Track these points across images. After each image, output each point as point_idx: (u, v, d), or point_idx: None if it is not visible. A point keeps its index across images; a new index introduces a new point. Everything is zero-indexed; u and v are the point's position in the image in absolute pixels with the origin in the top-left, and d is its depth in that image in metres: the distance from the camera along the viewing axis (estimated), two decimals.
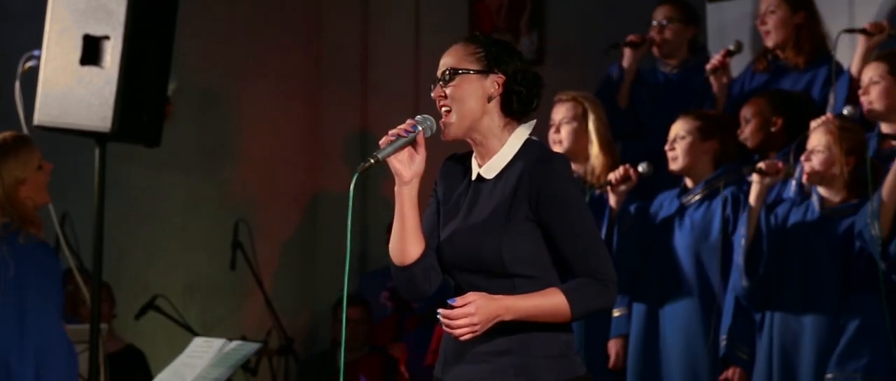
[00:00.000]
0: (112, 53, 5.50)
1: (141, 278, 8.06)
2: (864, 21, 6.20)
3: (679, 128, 5.86)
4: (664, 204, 5.99)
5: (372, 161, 3.49)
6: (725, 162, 5.88)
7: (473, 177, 3.64)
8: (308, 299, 8.79)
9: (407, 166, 3.57)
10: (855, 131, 5.55)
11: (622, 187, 5.91)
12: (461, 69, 3.58)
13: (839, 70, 6.06)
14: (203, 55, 8.29)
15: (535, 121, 3.66)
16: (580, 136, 6.16)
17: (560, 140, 6.17)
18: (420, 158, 3.57)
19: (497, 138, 3.60)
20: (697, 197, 5.88)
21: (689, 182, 5.93)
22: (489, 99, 3.58)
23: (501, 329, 3.51)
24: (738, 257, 5.57)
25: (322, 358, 8.11)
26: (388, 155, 3.53)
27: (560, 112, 6.20)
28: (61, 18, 5.57)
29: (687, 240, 5.85)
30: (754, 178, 5.57)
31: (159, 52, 5.73)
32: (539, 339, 3.53)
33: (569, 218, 3.51)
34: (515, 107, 3.60)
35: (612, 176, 5.91)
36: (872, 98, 5.58)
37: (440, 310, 3.47)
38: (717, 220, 5.78)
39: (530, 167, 3.53)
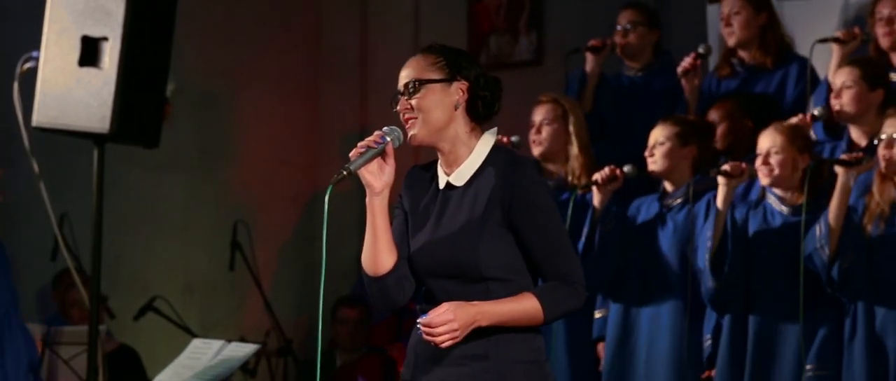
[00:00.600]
0: (111, 54, 5.49)
1: (140, 278, 8.05)
2: (827, 30, 6.30)
3: (658, 133, 5.92)
4: (642, 208, 6.05)
5: (344, 173, 3.58)
6: (704, 166, 5.92)
7: (441, 185, 3.68)
8: (307, 300, 8.78)
9: (377, 177, 3.63)
10: (803, 129, 5.67)
11: (609, 187, 5.93)
12: (425, 80, 3.63)
13: (816, 80, 6.15)
14: (202, 56, 8.28)
15: (496, 127, 3.72)
16: (560, 137, 6.22)
17: (541, 141, 6.23)
18: (389, 168, 3.63)
19: (464, 145, 3.66)
20: (679, 201, 5.91)
21: (668, 186, 5.98)
22: (455, 106, 3.64)
23: (477, 333, 3.56)
24: (703, 259, 5.65)
25: (321, 358, 8.10)
26: (359, 167, 3.60)
27: (541, 113, 6.25)
28: (60, 19, 5.56)
29: (670, 242, 5.91)
30: (720, 180, 5.63)
31: (158, 52, 5.72)
32: (514, 344, 3.59)
33: (539, 222, 3.58)
34: (481, 111, 3.66)
35: (598, 175, 5.95)
36: (844, 102, 5.70)
37: (419, 320, 3.53)
38: (699, 223, 5.81)
39: (502, 173, 3.59)
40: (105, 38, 5.51)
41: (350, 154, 3.61)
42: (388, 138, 3.62)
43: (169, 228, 8.31)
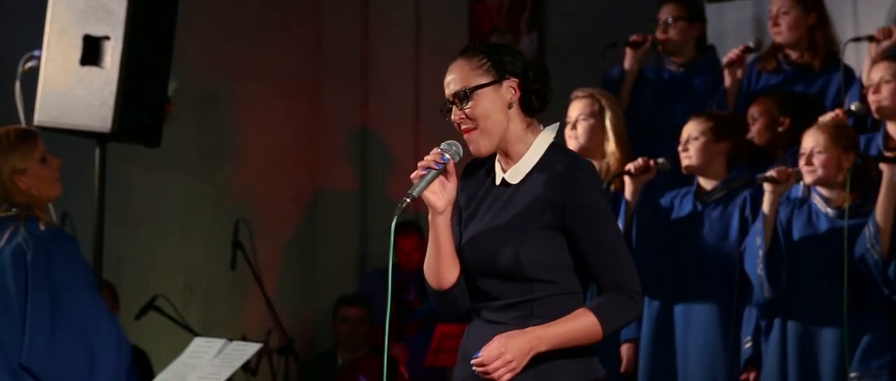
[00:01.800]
0: (112, 54, 5.51)
1: (141, 278, 8.05)
2: (868, 28, 6.22)
3: (692, 128, 5.85)
4: (676, 203, 5.97)
5: (407, 200, 3.47)
6: (739, 162, 5.87)
7: (497, 181, 3.61)
8: (309, 298, 8.78)
9: (440, 196, 3.54)
10: (848, 128, 5.60)
11: (641, 178, 5.87)
12: (475, 86, 3.54)
13: (850, 77, 6.08)
14: (203, 55, 8.29)
15: (558, 124, 3.64)
16: (597, 132, 6.12)
17: (576, 136, 6.12)
18: (452, 186, 3.55)
19: (521, 142, 3.57)
20: (715, 197, 5.87)
21: (702, 182, 5.92)
22: (509, 106, 3.55)
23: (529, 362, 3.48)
24: (757, 268, 5.54)
25: (323, 358, 8.11)
26: (422, 191, 3.51)
27: (577, 108, 6.15)
28: (61, 18, 5.57)
29: (706, 240, 5.83)
30: (766, 187, 5.56)
31: (159, 52, 5.73)
32: (567, 370, 3.51)
33: (596, 229, 3.49)
34: (535, 105, 3.58)
35: (631, 165, 5.86)
36: (883, 97, 5.62)
37: (473, 361, 3.45)
38: (735, 221, 5.77)
39: (558, 175, 3.51)
40: (107, 38, 5.52)
41: (411, 176, 3.52)
42: (448, 156, 3.53)
43: (170, 227, 8.31)
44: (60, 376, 4.89)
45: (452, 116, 3.56)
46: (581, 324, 3.47)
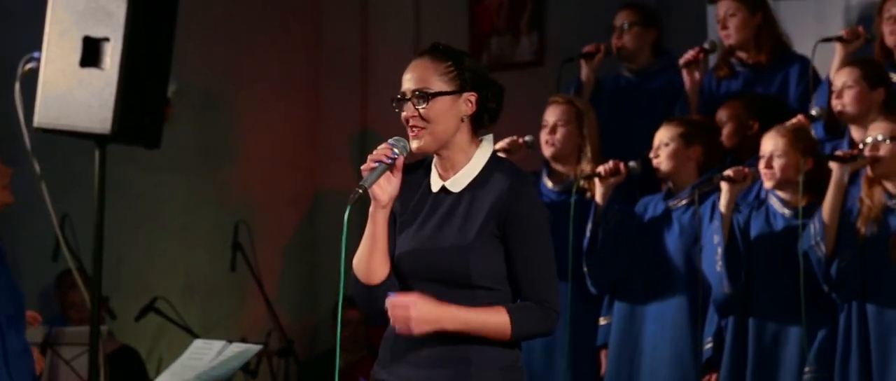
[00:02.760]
0: (112, 55, 5.49)
1: (141, 279, 8.05)
2: (833, 29, 6.29)
3: (663, 134, 5.92)
4: (649, 207, 6.03)
5: (360, 191, 3.57)
6: (710, 166, 5.91)
7: (435, 188, 3.68)
8: (308, 300, 8.78)
9: (384, 190, 3.63)
10: (806, 132, 5.67)
11: (611, 180, 5.92)
12: (436, 92, 3.61)
13: (817, 79, 6.14)
14: (203, 56, 8.28)
15: (492, 135, 3.71)
16: (573, 139, 6.19)
17: (554, 142, 6.17)
18: (396, 180, 3.63)
19: (463, 152, 3.65)
20: (684, 201, 5.91)
21: (673, 187, 5.97)
22: (462, 118, 3.63)
23: (458, 337, 3.57)
24: (716, 265, 5.63)
25: (322, 360, 8.11)
26: (373, 183, 3.59)
27: (554, 114, 6.21)
28: (61, 20, 5.56)
29: (675, 243, 5.90)
30: (723, 186, 5.63)
31: (159, 53, 5.72)
32: (494, 350, 3.60)
33: (529, 243, 3.59)
34: (485, 122, 3.67)
35: (601, 168, 5.94)
36: (845, 102, 5.71)
37: (389, 296, 3.55)
38: (705, 223, 5.80)
39: (502, 186, 3.58)
40: (106, 39, 5.51)
41: (361, 168, 3.61)
42: (397, 152, 3.61)
43: (170, 228, 8.30)
44: None
45: (404, 112, 3.63)
46: (493, 319, 3.56)
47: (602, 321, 6.09)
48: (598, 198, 5.96)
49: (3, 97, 6.05)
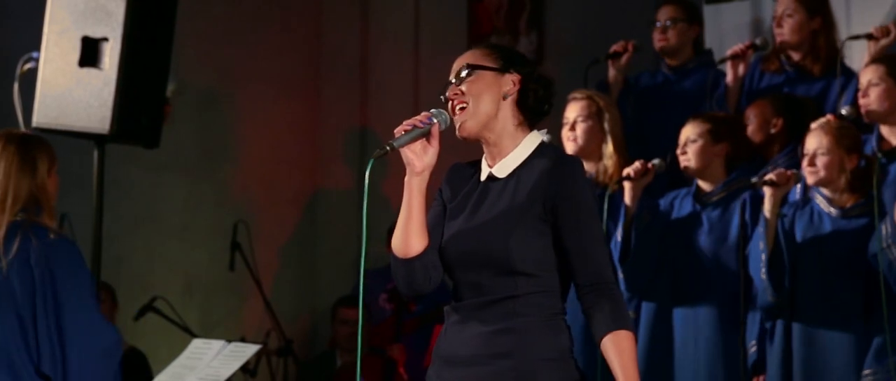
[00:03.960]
0: (111, 55, 5.50)
1: (140, 279, 8.05)
2: (862, 27, 6.22)
3: (690, 131, 5.84)
4: (676, 204, 5.95)
5: (387, 149, 3.49)
6: (737, 163, 5.86)
7: (483, 177, 3.63)
8: (307, 300, 8.78)
9: (419, 157, 3.55)
10: (851, 129, 5.58)
11: (641, 182, 5.85)
12: (479, 66, 3.59)
13: (849, 76, 6.07)
14: (202, 56, 8.28)
15: (546, 129, 3.67)
16: (594, 134, 6.11)
17: (575, 138, 6.10)
18: (433, 150, 3.56)
19: (510, 138, 3.61)
20: (714, 199, 5.86)
21: (701, 184, 5.91)
22: (505, 97, 3.59)
23: (501, 331, 3.51)
24: (761, 272, 5.53)
25: (321, 359, 8.11)
26: (404, 144, 3.52)
27: (575, 110, 6.14)
28: (60, 20, 5.57)
29: (706, 242, 5.82)
30: (766, 190, 5.55)
31: (158, 53, 5.73)
32: (539, 341, 3.52)
33: (581, 223, 3.52)
34: (531, 104, 3.62)
35: (629, 170, 5.84)
36: (871, 100, 5.61)
37: None
38: (735, 223, 5.76)
39: (547, 169, 3.53)
40: (105, 39, 5.52)
41: (395, 131, 3.53)
42: (436, 120, 3.55)
43: (169, 228, 8.31)
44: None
45: (448, 92, 3.60)
46: (628, 348, 3.50)
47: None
48: (628, 200, 5.87)
49: (1, 97, 6.06)
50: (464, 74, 3.59)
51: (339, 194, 8.85)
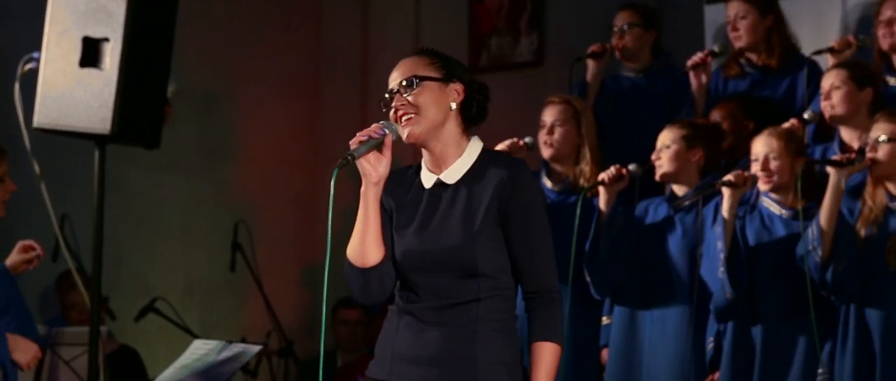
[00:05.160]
0: (112, 55, 5.50)
1: (140, 279, 8.05)
2: (831, 29, 6.30)
3: (665, 137, 5.91)
4: (650, 209, 6.01)
5: (348, 158, 3.61)
6: (711, 169, 5.90)
7: (428, 184, 3.71)
8: (308, 300, 8.78)
9: (374, 167, 3.65)
10: (796, 133, 5.67)
11: (615, 187, 5.92)
12: (425, 76, 3.67)
13: (812, 69, 6.16)
14: (203, 56, 8.28)
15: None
16: (572, 138, 6.18)
17: (552, 142, 6.16)
18: (386, 160, 3.65)
19: (455, 145, 3.70)
20: (687, 204, 5.89)
21: (676, 189, 5.95)
22: (451, 106, 3.68)
23: (462, 334, 3.61)
24: (718, 271, 5.61)
25: (322, 359, 8.10)
26: (362, 154, 3.62)
27: (552, 114, 6.20)
28: (61, 20, 5.56)
29: (678, 246, 5.87)
30: (725, 191, 5.62)
31: (159, 53, 5.72)
32: (498, 344, 3.63)
33: (530, 230, 3.63)
34: (474, 113, 3.71)
35: (604, 175, 5.92)
36: (834, 103, 5.70)
37: None
38: (707, 226, 5.79)
39: (503, 175, 3.62)
40: (106, 39, 5.51)
41: (350, 143, 3.64)
42: (387, 131, 3.64)
43: (170, 228, 8.31)
44: None
45: (394, 103, 3.68)
46: (551, 360, 3.62)
47: (604, 321, 6.08)
48: (602, 204, 5.94)
49: (2, 97, 6.05)
50: (410, 84, 3.65)
51: (339, 194, 8.84)
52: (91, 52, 5.52)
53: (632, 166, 5.94)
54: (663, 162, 5.88)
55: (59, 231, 5.80)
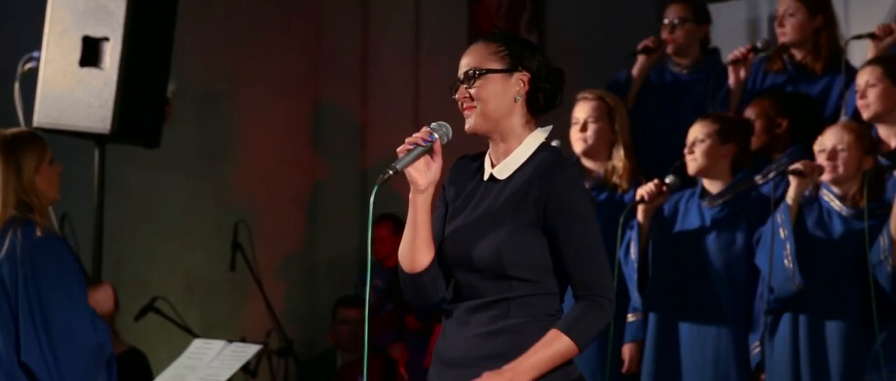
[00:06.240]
0: (111, 55, 5.51)
1: (141, 279, 8.05)
2: (860, 27, 6.22)
3: (698, 131, 5.82)
4: (680, 206, 5.92)
5: (390, 172, 3.47)
6: (743, 165, 5.84)
7: (486, 176, 3.61)
8: (308, 300, 8.78)
9: (423, 174, 3.53)
10: (869, 132, 5.58)
11: (655, 202, 5.81)
12: (486, 69, 3.55)
13: (851, 74, 6.07)
14: (203, 56, 8.28)
15: (551, 126, 3.64)
16: (604, 135, 6.10)
17: (585, 138, 6.10)
18: (436, 166, 3.54)
19: (516, 137, 3.57)
20: (719, 201, 5.83)
21: (707, 184, 5.89)
22: (515, 98, 3.56)
23: (493, 333, 3.51)
24: (786, 260, 5.49)
25: (322, 359, 8.11)
26: (407, 165, 3.50)
27: (585, 110, 6.13)
28: (61, 20, 5.57)
29: (713, 245, 5.79)
30: (792, 179, 5.52)
31: (159, 53, 5.73)
32: (531, 344, 3.49)
33: (574, 230, 3.48)
34: (541, 104, 3.58)
35: (643, 191, 5.79)
36: (870, 101, 5.61)
37: None
38: (742, 225, 5.75)
39: (543, 173, 3.50)
40: (106, 39, 5.52)
41: (397, 150, 3.52)
42: (436, 135, 3.53)
43: (169, 228, 8.31)
44: (50, 373, 4.94)
45: (457, 94, 3.57)
46: (555, 349, 3.47)
47: (630, 318, 5.98)
48: (640, 217, 5.82)
49: (2, 97, 6.06)
50: (472, 76, 3.55)
51: (340, 194, 8.84)
52: (91, 52, 5.53)
53: (669, 179, 5.83)
54: (697, 157, 5.80)
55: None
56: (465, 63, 3.57)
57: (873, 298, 5.29)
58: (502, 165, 3.58)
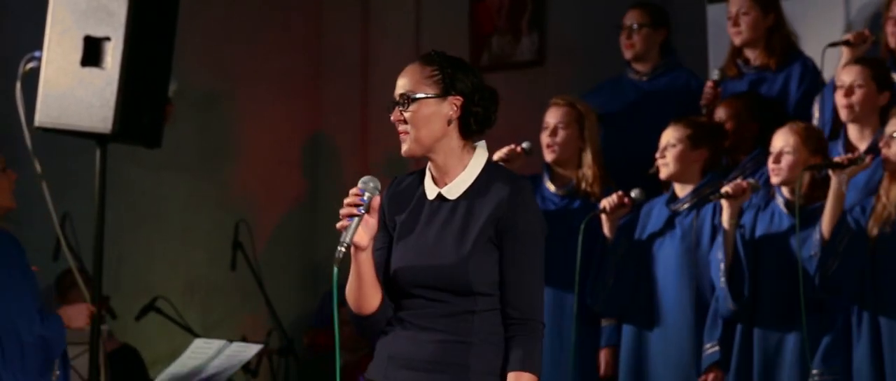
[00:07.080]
0: (113, 54, 5.51)
1: (141, 278, 8.05)
2: (833, 28, 6.29)
3: (670, 135, 5.86)
4: (653, 211, 5.96)
5: (343, 250, 3.55)
6: (712, 168, 5.87)
7: (430, 196, 3.69)
8: (309, 299, 8.78)
9: (363, 236, 3.61)
10: (818, 132, 5.62)
11: (617, 214, 5.88)
12: (418, 94, 3.62)
13: (818, 80, 6.13)
14: (203, 56, 8.28)
15: (484, 142, 3.72)
16: (574, 142, 6.14)
17: (555, 145, 6.13)
18: (373, 221, 3.60)
19: (457, 159, 3.67)
20: (686, 205, 5.86)
21: (677, 189, 5.92)
22: (448, 122, 3.64)
23: (457, 343, 3.61)
24: (719, 281, 5.59)
25: (323, 359, 8.10)
26: (353, 236, 3.57)
27: (555, 116, 6.16)
28: (62, 19, 5.57)
29: (678, 249, 5.85)
30: (723, 202, 5.59)
31: (160, 53, 5.73)
32: (490, 355, 3.62)
33: (519, 252, 3.60)
34: (473, 128, 3.67)
35: (606, 203, 5.87)
36: (854, 100, 5.64)
37: None
38: (706, 228, 5.78)
39: (504, 194, 3.60)
40: (107, 39, 5.52)
41: (337, 226, 3.59)
42: (367, 194, 3.60)
43: (170, 228, 8.31)
44: None
45: (392, 116, 3.66)
46: None
47: (604, 323, 6.04)
48: (606, 230, 5.89)
49: (3, 96, 6.06)
50: (405, 101, 3.63)
51: (340, 194, 8.81)
52: (92, 52, 5.53)
53: (634, 193, 5.87)
54: (668, 161, 5.84)
55: (60, 230, 5.81)
56: (400, 85, 3.66)
57: (801, 294, 5.34)
58: (451, 186, 3.66)
